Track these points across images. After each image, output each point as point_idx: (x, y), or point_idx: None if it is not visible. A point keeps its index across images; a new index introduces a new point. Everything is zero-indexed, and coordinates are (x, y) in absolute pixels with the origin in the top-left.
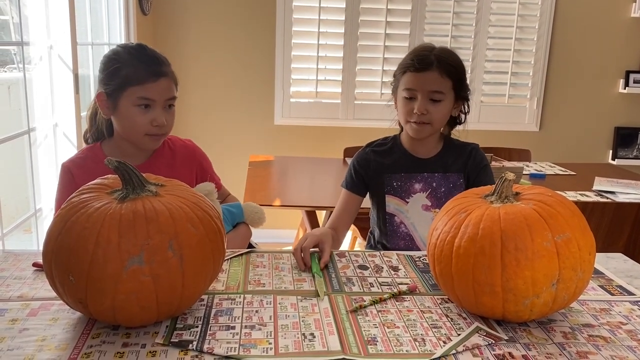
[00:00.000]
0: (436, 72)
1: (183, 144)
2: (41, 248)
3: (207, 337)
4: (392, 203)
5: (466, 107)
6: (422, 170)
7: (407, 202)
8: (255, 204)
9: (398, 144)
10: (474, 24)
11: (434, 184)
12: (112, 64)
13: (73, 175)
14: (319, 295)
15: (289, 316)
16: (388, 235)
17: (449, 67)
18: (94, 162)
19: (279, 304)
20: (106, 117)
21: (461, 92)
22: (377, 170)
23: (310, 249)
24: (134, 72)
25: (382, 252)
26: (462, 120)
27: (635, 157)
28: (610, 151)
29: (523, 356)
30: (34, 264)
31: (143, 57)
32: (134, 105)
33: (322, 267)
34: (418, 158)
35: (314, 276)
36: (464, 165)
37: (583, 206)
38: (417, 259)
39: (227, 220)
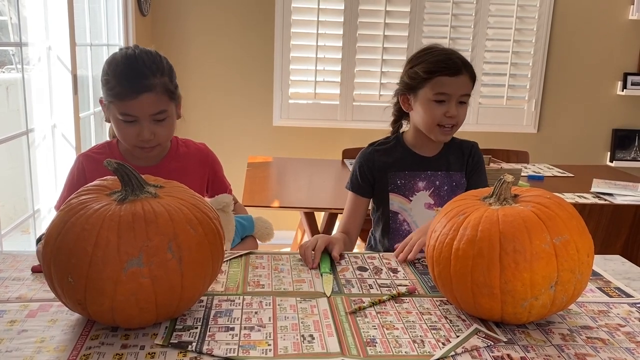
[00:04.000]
0: (467, 77)
1: (197, 148)
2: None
3: (206, 338)
4: (395, 201)
5: None
6: (426, 168)
7: (411, 200)
8: (266, 218)
9: (401, 142)
10: (472, 26)
11: (437, 182)
12: (104, 74)
13: (84, 168)
14: (324, 295)
15: (288, 317)
16: (390, 234)
17: (473, 72)
18: (108, 158)
19: (278, 305)
20: (107, 122)
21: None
22: (381, 169)
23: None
24: (115, 88)
25: (381, 254)
26: None
27: (633, 159)
28: (608, 153)
29: (522, 358)
30: (33, 269)
31: (127, 71)
32: (119, 119)
33: (337, 258)
34: (421, 156)
35: (321, 275)
36: (465, 164)
37: (581, 208)
38: (416, 261)
39: (236, 232)
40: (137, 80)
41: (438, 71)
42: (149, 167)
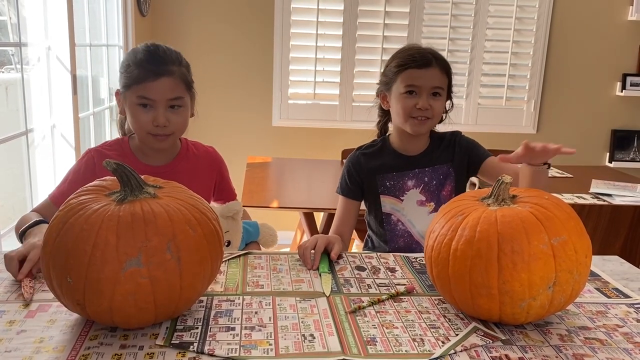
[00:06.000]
0: (437, 69)
1: (206, 150)
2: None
3: (207, 339)
4: (387, 203)
5: (449, 105)
6: (413, 167)
7: (402, 200)
8: (270, 225)
9: (387, 144)
10: (471, 27)
11: (426, 178)
12: (124, 63)
13: (95, 163)
14: (323, 295)
15: (288, 317)
16: (387, 236)
17: (446, 65)
18: (119, 155)
19: (278, 305)
20: (121, 115)
21: (450, 91)
22: (369, 172)
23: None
24: (135, 71)
25: (378, 254)
26: (444, 118)
27: (632, 160)
28: (607, 154)
29: (520, 358)
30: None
31: (148, 56)
32: (136, 104)
33: (334, 258)
34: (407, 156)
35: (320, 275)
36: (451, 155)
37: (580, 209)
38: (413, 260)
39: (242, 238)
40: (158, 64)
41: (407, 64)
42: (160, 167)
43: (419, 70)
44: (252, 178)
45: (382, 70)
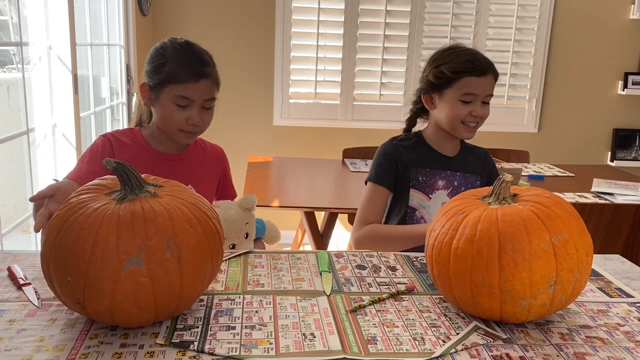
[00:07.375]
0: (491, 77)
1: (213, 147)
2: (39, 248)
3: (207, 338)
4: (415, 197)
5: None
6: (446, 167)
7: (430, 198)
8: (273, 222)
9: (422, 140)
10: (472, 26)
11: (455, 182)
12: (158, 58)
13: (112, 145)
14: (324, 293)
15: (288, 316)
16: None
17: (496, 72)
18: (132, 141)
19: (279, 304)
20: (147, 107)
21: None
22: (405, 164)
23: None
24: (176, 70)
25: (379, 252)
26: None
27: (634, 159)
28: (609, 153)
29: (520, 357)
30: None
31: (188, 56)
32: (172, 102)
33: None
34: (443, 155)
35: (321, 274)
36: (481, 169)
37: (581, 207)
38: (414, 259)
39: None
40: (200, 66)
41: (465, 71)
42: (174, 154)
43: (478, 78)
44: (253, 177)
45: (383, 69)
